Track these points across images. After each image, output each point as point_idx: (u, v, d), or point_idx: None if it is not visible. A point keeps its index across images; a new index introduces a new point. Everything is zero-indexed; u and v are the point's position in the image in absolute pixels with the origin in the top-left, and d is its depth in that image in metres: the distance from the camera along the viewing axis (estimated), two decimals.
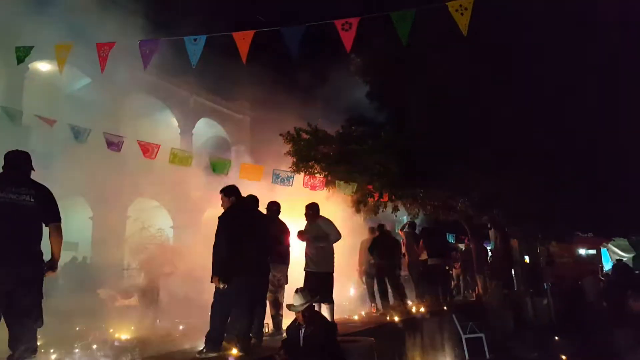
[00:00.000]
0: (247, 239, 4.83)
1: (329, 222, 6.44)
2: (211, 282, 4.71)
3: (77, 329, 7.27)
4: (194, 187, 13.35)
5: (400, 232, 10.60)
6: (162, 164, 9.51)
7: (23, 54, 6.51)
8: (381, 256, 8.53)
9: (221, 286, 4.64)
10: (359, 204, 9.58)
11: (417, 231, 10.42)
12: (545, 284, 13.14)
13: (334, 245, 6.46)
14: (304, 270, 6.40)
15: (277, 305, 6.29)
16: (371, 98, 10.04)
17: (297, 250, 6.81)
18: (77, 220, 13.31)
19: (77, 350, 5.20)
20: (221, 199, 5.15)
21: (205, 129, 19.47)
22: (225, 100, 19.68)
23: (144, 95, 16.21)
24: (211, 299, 4.79)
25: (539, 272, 13.69)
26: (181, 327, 7.47)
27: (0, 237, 3.55)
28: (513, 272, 12.80)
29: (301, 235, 6.47)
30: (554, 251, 15.69)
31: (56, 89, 14.56)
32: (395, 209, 10.20)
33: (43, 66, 13.78)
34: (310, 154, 9.38)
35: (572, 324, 10.17)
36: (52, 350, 5.02)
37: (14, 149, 3.93)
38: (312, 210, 6.52)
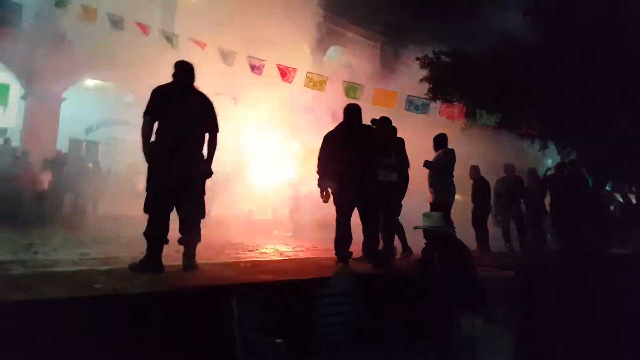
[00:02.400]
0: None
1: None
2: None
3: None
4: None
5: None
6: None
7: None
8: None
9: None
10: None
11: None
12: None
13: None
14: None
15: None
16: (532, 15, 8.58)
17: None
18: None
19: None
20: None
21: (336, 56, 19.44)
22: (356, 25, 19.24)
23: (281, 21, 16.48)
24: None
25: None
26: None
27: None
28: None
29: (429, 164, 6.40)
30: None
31: (203, 15, 15.50)
32: (544, 147, 9.16)
33: None
34: (450, 79, 8.75)
35: None
36: None
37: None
38: (440, 140, 6.38)
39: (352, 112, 5.11)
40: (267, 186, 13.32)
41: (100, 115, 16.13)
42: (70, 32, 13.87)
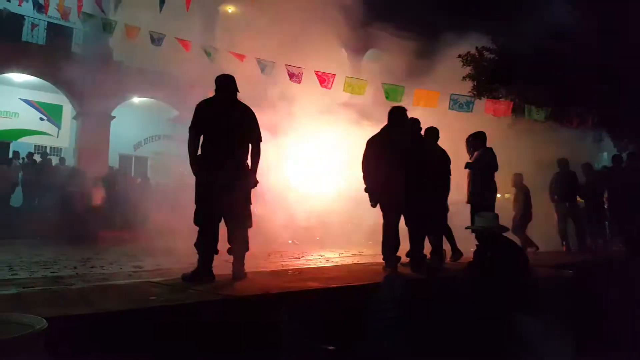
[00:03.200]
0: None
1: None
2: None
3: None
4: None
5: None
6: None
7: None
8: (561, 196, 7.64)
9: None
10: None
11: None
12: None
13: None
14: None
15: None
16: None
17: None
18: None
19: None
20: None
21: (375, 58, 19.33)
22: (394, 26, 19.05)
23: (318, 27, 16.57)
24: None
25: None
26: None
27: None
28: None
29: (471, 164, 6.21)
30: None
31: (242, 28, 15.83)
32: (599, 140, 8.69)
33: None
34: (495, 75, 8.48)
35: None
36: None
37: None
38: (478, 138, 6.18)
39: (397, 114, 5.02)
40: (310, 192, 13.34)
41: (147, 131, 16.75)
42: (116, 52, 14.55)
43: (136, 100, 16.07)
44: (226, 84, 4.21)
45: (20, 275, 4.70)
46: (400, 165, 4.73)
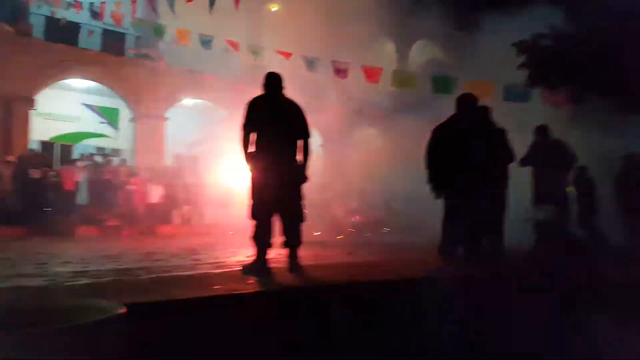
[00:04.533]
0: None
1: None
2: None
3: None
4: None
5: None
6: None
7: None
8: None
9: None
10: None
11: None
12: None
13: None
14: None
15: None
16: None
17: None
18: None
19: None
20: None
21: (423, 51, 18.96)
22: (442, 16, 18.61)
23: (364, 21, 16.47)
24: None
25: None
26: None
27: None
28: None
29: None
30: None
31: (287, 26, 16.01)
32: None
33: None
34: (554, 63, 8.07)
35: None
36: None
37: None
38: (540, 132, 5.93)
39: (466, 102, 4.85)
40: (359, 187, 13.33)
41: (200, 131, 17.29)
42: (167, 55, 15.12)
43: (188, 101, 16.62)
44: (274, 81, 4.28)
45: (92, 267, 5.00)
46: (468, 155, 4.60)
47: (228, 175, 12.88)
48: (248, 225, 4.10)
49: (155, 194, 12.63)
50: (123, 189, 12.35)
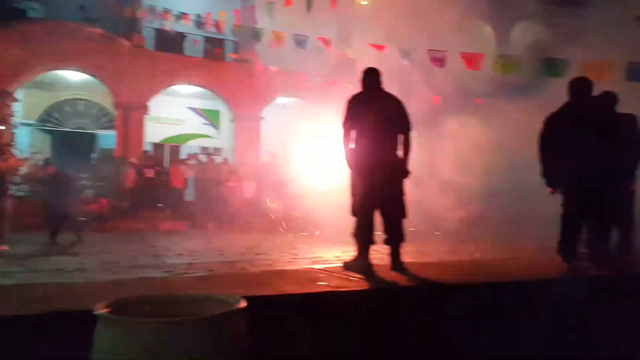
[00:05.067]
0: None
1: None
2: None
3: None
4: None
5: None
6: None
7: None
8: None
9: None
10: None
11: None
12: None
13: None
14: None
15: None
16: None
17: None
18: None
19: None
20: None
21: (526, 32, 17.61)
22: None
23: (461, 6, 15.68)
24: None
25: None
26: None
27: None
28: None
29: None
30: None
31: (378, 18, 15.75)
32: None
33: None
34: None
35: None
36: None
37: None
38: None
39: (582, 87, 4.32)
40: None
41: (293, 129, 17.74)
42: (263, 57, 15.70)
43: (281, 100, 17.12)
44: (371, 76, 4.18)
45: (202, 260, 5.33)
46: (589, 146, 4.13)
47: (320, 172, 13.05)
48: (337, 221, 4.07)
49: (250, 189, 13.23)
50: (224, 186, 13.10)
